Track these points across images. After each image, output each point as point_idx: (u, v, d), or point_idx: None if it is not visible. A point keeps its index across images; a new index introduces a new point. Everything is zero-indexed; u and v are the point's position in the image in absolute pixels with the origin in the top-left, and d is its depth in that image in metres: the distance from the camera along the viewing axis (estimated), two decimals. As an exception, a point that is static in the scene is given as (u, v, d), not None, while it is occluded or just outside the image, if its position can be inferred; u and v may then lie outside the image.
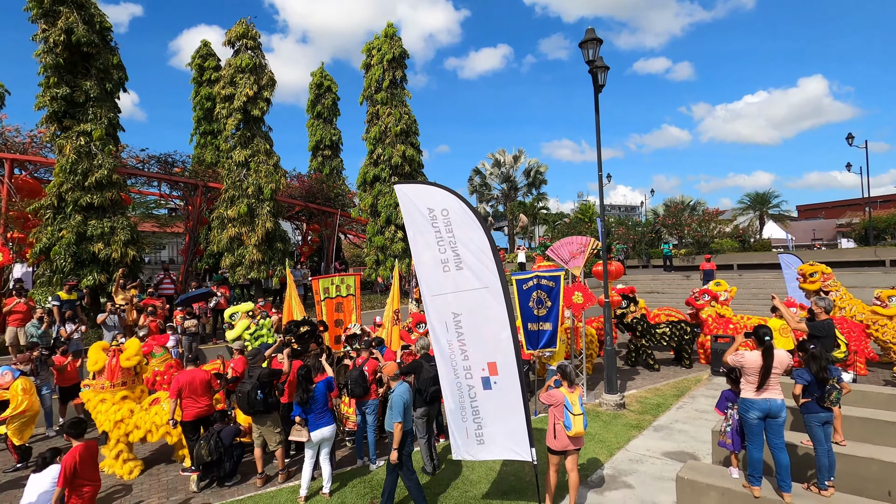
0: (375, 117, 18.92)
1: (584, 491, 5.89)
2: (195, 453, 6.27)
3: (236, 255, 15.37)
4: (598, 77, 9.05)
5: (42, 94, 12.81)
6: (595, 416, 8.60)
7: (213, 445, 6.25)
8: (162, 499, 6.10)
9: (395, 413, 5.17)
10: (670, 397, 9.75)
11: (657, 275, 23.67)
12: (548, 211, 42.72)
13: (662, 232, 31.39)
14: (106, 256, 12.61)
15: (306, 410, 5.77)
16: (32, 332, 9.78)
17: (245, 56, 15.78)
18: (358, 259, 31.17)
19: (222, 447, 6.32)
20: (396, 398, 5.25)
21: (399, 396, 5.26)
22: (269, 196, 15.40)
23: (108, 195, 13.00)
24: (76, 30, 12.63)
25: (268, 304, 13.67)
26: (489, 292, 4.86)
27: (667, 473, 6.32)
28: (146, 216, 26.80)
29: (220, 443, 6.31)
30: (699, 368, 12.08)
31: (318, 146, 24.52)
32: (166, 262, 23.48)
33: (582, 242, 10.19)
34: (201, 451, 6.21)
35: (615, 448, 7.21)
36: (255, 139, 15.87)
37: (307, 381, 5.87)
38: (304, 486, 5.80)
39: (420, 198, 5.17)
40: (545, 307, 8.34)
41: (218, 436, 6.37)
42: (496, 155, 41.15)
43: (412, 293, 13.74)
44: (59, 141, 12.84)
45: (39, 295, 11.93)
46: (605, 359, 9.17)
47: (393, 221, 18.11)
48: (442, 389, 5.27)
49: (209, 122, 21.75)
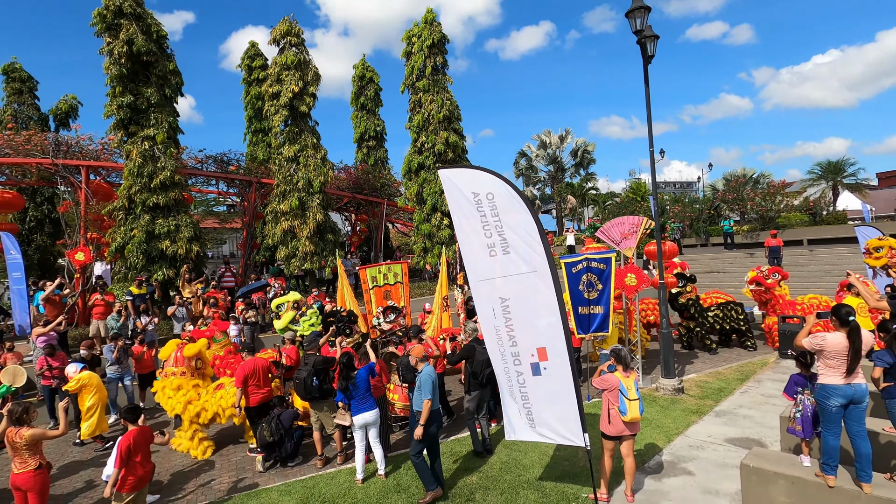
0: (418, 105, 18.96)
1: (640, 477, 5.75)
2: (258, 435, 6.64)
3: (290, 248, 15.99)
4: (647, 47, 8.59)
5: (109, 103, 13.75)
6: (652, 401, 8.34)
7: (273, 427, 6.59)
8: (232, 477, 6.51)
9: (424, 391, 5.35)
10: (733, 381, 9.29)
11: (717, 253, 22.49)
12: (597, 191, 41.45)
13: (722, 208, 29.67)
14: (173, 253, 13.49)
15: (348, 396, 5.96)
16: (112, 325, 10.62)
17: (290, 53, 16.20)
18: (406, 247, 31.64)
19: (283, 429, 6.64)
20: (425, 377, 5.44)
21: (427, 376, 5.45)
22: (318, 189, 15.86)
23: (171, 195, 13.84)
24: (136, 40, 13.41)
25: (322, 293, 14.17)
26: (537, 276, 4.77)
27: (730, 460, 6.06)
28: (207, 213, 28.38)
29: (280, 425, 6.63)
30: (764, 351, 11.44)
31: (363, 137, 24.92)
32: (227, 256, 24.78)
33: (634, 222, 9.82)
34: (263, 433, 6.57)
35: (673, 434, 6.98)
36: (302, 134, 16.34)
37: (348, 367, 6.05)
38: (359, 468, 6.00)
39: (465, 182, 5.11)
40: (596, 290, 8.13)
41: (278, 419, 6.70)
42: (542, 136, 40.21)
43: (456, 279, 13.78)
44: (127, 146, 13.78)
45: (117, 290, 12.95)
46: (661, 342, 8.85)
47: (439, 209, 18.19)
48: (495, 374, 5.32)
49: (259, 121, 22.60)
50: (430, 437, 5.49)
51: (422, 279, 20.09)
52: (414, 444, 5.43)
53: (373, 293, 11.01)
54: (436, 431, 5.57)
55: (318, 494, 5.78)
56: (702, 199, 32.94)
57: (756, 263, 19.26)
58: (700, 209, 29.46)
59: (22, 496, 4.83)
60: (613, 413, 4.97)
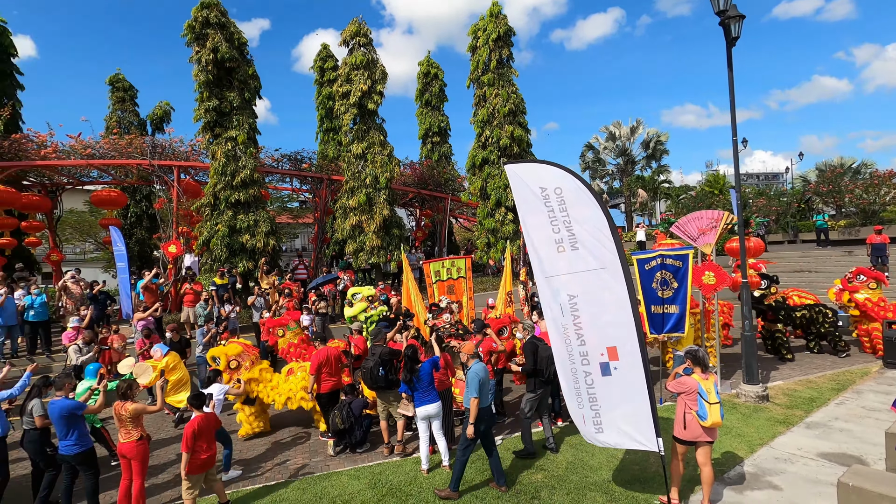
0: (483, 99, 18.88)
1: (719, 487, 5.41)
2: (330, 422, 6.96)
3: (358, 242, 16.55)
4: (731, 29, 7.99)
5: (198, 108, 14.89)
6: (732, 408, 7.81)
7: (344, 415, 6.87)
8: (306, 458, 6.89)
9: (470, 389, 5.31)
10: (827, 391, 8.49)
11: (808, 251, 20.57)
12: (670, 184, 39.23)
13: (814, 201, 27.03)
14: (252, 246, 14.41)
15: (412, 388, 6.06)
16: (200, 312, 11.53)
17: (358, 53, 16.70)
18: (468, 242, 31.73)
19: (353, 417, 6.91)
20: (472, 375, 5.38)
21: (474, 374, 5.38)
22: (384, 185, 16.27)
23: (251, 192, 14.78)
24: (220, 48, 14.40)
25: (387, 286, 14.54)
26: (608, 273, 4.61)
27: (823, 477, 5.55)
28: (281, 209, 30.03)
29: (351, 413, 6.91)
30: (862, 359, 10.35)
31: (428, 133, 25.20)
32: (299, 250, 26.13)
33: (713, 217, 9.20)
34: (335, 420, 6.88)
35: (757, 444, 6.49)
36: (370, 132, 16.81)
37: (413, 360, 6.15)
38: (423, 459, 6.12)
39: (531, 177, 5.01)
40: (671, 288, 7.71)
41: (349, 407, 6.98)
42: (610, 128, 38.63)
43: (519, 275, 13.61)
44: (212, 147, 14.86)
45: (204, 280, 14.04)
46: (743, 345, 8.26)
47: (503, 203, 18.05)
48: (558, 375, 5.15)
49: (330, 120, 23.53)
50: (481, 434, 5.46)
51: (485, 274, 20.06)
52: (463, 438, 5.46)
53: (436, 287, 11.16)
54: (485, 429, 5.51)
55: (384, 481, 5.97)
56: (790, 192, 30.22)
57: (855, 262, 17.42)
58: (788, 202, 27.03)
59: (126, 463, 5.40)
60: (690, 418, 4.70)
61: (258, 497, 5.76)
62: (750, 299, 8.33)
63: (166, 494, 6.08)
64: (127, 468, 5.41)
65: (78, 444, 5.33)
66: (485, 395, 5.45)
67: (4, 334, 10.56)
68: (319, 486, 5.98)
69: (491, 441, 5.67)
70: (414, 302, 11.18)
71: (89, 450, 5.47)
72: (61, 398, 5.38)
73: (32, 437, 5.56)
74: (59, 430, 5.29)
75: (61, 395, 5.41)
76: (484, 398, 5.42)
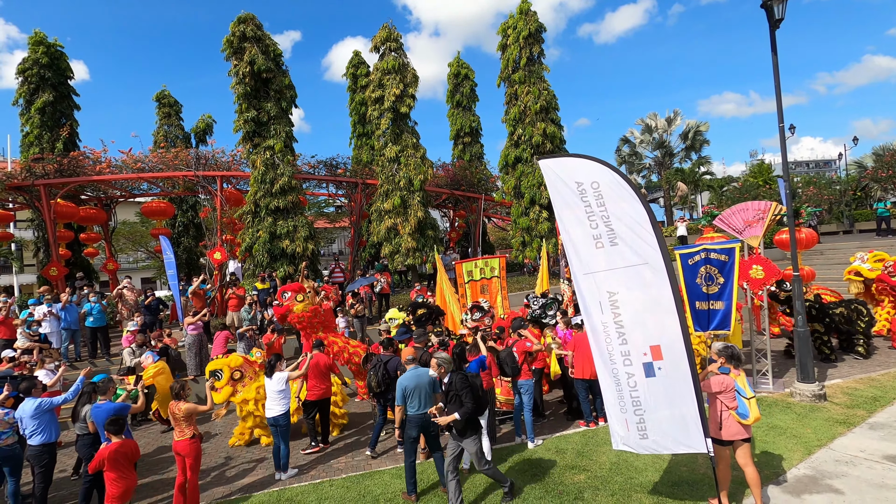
0: (514, 98, 18.73)
1: (775, 491, 5.17)
2: (367, 383, 7.08)
3: (393, 244, 16.74)
4: (773, 10, 7.64)
5: (237, 119, 15.44)
6: (786, 408, 7.45)
7: (381, 376, 6.86)
8: (348, 459, 7.02)
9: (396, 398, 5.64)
10: (892, 390, 7.97)
11: (865, 241, 19.33)
12: (712, 176, 37.74)
13: (872, 188, 25.42)
14: (292, 251, 14.81)
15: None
16: (244, 316, 11.94)
17: (390, 58, 16.89)
18: (503, 242, 31.51)
19: (389, 378, 6.84)
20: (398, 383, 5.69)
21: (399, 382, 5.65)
22: (418, 187, 16.38)
23: (289, 198, 15.19)
24: (257, 60, 14.89)
25: (423, 287, 14.63)
26: (649, 268, 4.46)
27: (891, 481, 5.22)
28: (319, 214, 30.72)
29: (386, 374, 6.88)
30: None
31: (459, 134, 25.20)
32: (336, 254, 26.67)
33: (760, 208, 8.83)
34: (370, 381, 6.90)
35: (815, 446, 6.17)
36: (403, 135, 16.96)
37: (461, 359, 6.15)
38: (465, 458, 6.11)
39: (567, 171, 4.88)
40: (716, 284, 7.43)
41: (384, 366, 6.94)
42: (646, 120, 37.57)
43: (563, 273, 13.40)
44: (252, 156, 15.38)
45: (248, 285, 14.54)
46: (796, 342, 7.86)
47: (537, 202, 17.84)
48: (598, 377, 4.95)
49: (363, 125, 23.88)
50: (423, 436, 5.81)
51: (521, 273, 19.89)
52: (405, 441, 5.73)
53: (468, 287, 11.15)
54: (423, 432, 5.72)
55: (426, 479, 6.02)
56: (843, 179, 28.53)
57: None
58: (842, 190, 25.52)
59: (181, 460, 5.65)
60: (727, 416, 4.59)
61: (306, 496, 5.92)
62: (801, 293, 7.92)
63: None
64: (181, 465, 5.66)
65: None
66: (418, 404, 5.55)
67: (69, 339, 11.25)
68: (363, 484, 6.09)
69: (436, 442, 5.81)
70: (449, 303, 11.21)
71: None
72: (106, 402, 5.62)
73: (87, 442, 5.76)
74: (102, 432, 5.42)
75: (105, 400, 5.64)
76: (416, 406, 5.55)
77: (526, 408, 6.81)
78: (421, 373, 5.68)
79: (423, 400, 5.57)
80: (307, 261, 14.57)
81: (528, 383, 6.79)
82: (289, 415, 6.57)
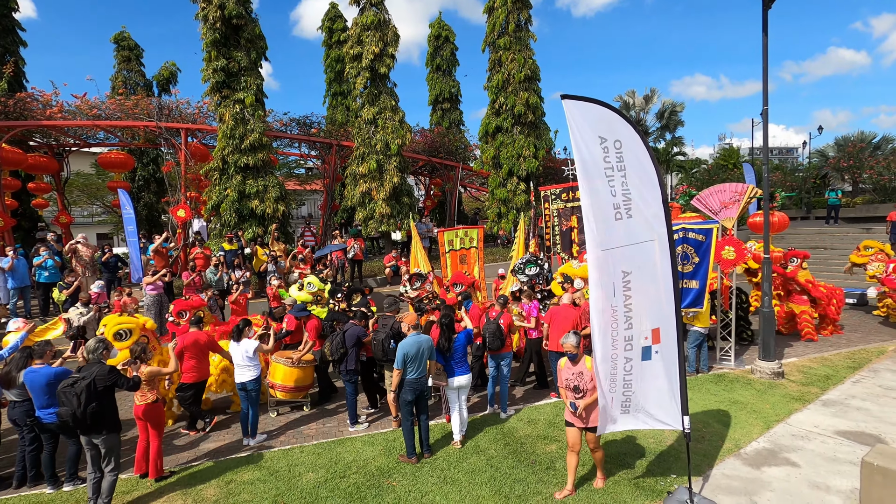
0: (498, 64, 18.27)
1: (736, 463, 5.39)
2: (327, 349, 6.79)
3: (367, 210, 16.36)
4: (769, -11, 7.52)
5: (205, 68, 14.48)
6: (746, 384, 7.76)
7: (336, 344, 6.55)
8: (319, 425, 6.92)
9: (396, 362, 5.57)
10: (843, 369, 8.41)
11: (824, 227, 20.21)
12: (684, 157, 38.44)
13: (830, 177, 26.41)
14: (261, 212, 14.26)
15: (446, 358, 5.98)
16: (210, 277, 11.50)
17: (370, 13, 16.07)
18: (477, 212, 31.36)
19: (344, 347, 6.53)
20: (399, 348, 5.62)
21: (401, 347, 5.57)
22: (395, 151, 15.94)
23: (259, 156, 14.52)
24: (228, 4, 13.89)
25: (398, 256, 14.44)
26: (658, 244, 4.18)
27: (842, 455, 5.50)
28: (288, 175, 29.71)
29: (343, 342, 6.54)
30: (880, 337, 10.26)
31: (438, 100, 24.58)
32: (306, 217, 25.88)
33: (736, 190, 8.94)
34: (325, 349, 6.66)
35: (773, 421, 6.45)
36: (381, 96, 16.36)
37: (450, 329, 6.05)
38: (455, 431, 6.05)
39: (592, 120, 4.19)
40: (692, 263, 7.55)
41: (342, 335, 6.61)
42: (624, 97, 37.62)
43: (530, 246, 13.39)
44: (220, 110, 14.53)
45: (213, 245, 13.98)
46: (762, 322, 8.13)
47: (515, 173, 17.72)
48: (594, 362, 4.53)
49: (339, 84, 22.95)
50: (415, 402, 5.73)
51: (494, 245, 19.90)
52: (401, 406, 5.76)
53: (448, 257, 11.04)
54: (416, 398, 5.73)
55: (399, 447, 5.99)
56: (806, 167, 29.53)
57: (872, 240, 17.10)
58: (804, 177, 26.45)
59: (143, 424, 5.41)
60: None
61: (275, 461, 5.80)
62: (770, 275, 8.15)
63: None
64: (143, 429, 5.44)
65: None
66: (416, 369, 5.57)
67: (17, 296, 10.59)
68: (334, 451, 6.01)
69: (423, 409, 5.87)
70: (422, 269, 11.10)
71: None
72: (44, 366, 5.17)
73: (26, 408, 5.29)
74: (44, 398, 5.08)
75: (41, 364, 5.17)
76: (414, 371, 5.56)
77: (504, 379, 6.82)
78: (422, 339, 5.66)
79: (422, 366, 5.63)
80: (278, 223, 14.08)
81: (509, 355, 6.78)
82: (259, 380, 6.36)
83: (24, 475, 5.45)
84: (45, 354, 5.25)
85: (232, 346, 6.38)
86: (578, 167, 4.25)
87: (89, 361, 4.87)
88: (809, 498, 4.72)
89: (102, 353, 4.94)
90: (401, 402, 5.72)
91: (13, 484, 5.45)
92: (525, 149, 17.38)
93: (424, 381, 5.68)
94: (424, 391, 5.73)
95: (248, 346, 6.29)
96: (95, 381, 4.59)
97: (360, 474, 5.42)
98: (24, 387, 5.21)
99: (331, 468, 5.58)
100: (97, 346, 4.92)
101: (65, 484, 5.34)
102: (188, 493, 5.19)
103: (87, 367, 4.79)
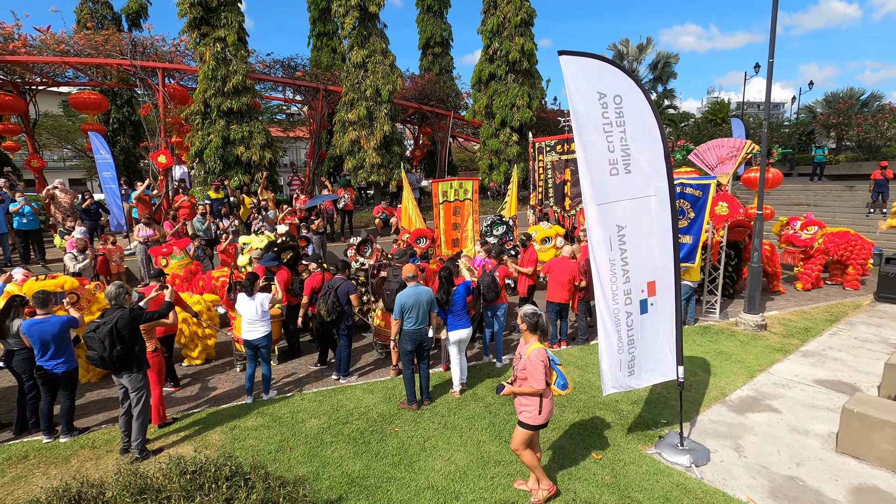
0: (493, 7, 17.42)
1: (722, 409, 5.68)
2: (317, 311, 6.48)
3: (357, 159, 15.94)
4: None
5: (181, 1, 13.47)
6: (731, 336, 8.07)
7: (330, 304, 6.28)
8: (317, 376, 7.02)
9: (394, 312, 5.71)
10: (821, 322, 8.79)
11: (808, 184, 20.50)
12: (676, 110, 38.05)
13: (816, 134, 26.49)
14: (247, 159, 13.78)
15: (446, 311, 6.03)
16: (198, 226, 11.24)
17: (358, -55, 14.99)
18: (465, 164, 30.87)
19: (340, 306, 6.36)
20: (397, 299, 5.67)
21: (399, 298, 5.64)
22: (386, 98, 15.36)
23: (244, 100, 13.85)
24: (203, -70, 12.76)
25: (388, 206, 14.27)
26: (657, 200, 4.26)
27: (820, 402, 5.84)
28: (270, 121, 28.56)
29: (337, 301, 6.32)
30: (855, 292, 10.69)
31: (429, 43, 23.51)
32: (292, 165, 25.10)
33: (733, 145, 8.93)
34: (320, 310, 6.33)
35: (756, 370, 6.76)
36: (371, 38, 15.56)
37: (449, 282, 6.07)
38: (455, 382, 6.21)
39: (591, 76, 4.14)
40: (687, 218, 7.61)
41: (335, 292, 6.32)
42: (618, 46, 36.56)
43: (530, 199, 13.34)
44: (200, 48, 13.67)
45: (198, 193, 13.56)
46: (750, 277, 8.36)
47: (508, 124, 17.32)
48: (598, 319, 4.51)
49: (324, 24, 21.70)
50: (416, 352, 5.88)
51: (485, 197, 19.74)
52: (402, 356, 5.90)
53: (442, 208, 10.93)
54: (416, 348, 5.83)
55: (398, 395, 6.14)
56: (793, 123, 29.53)
57: (855, 198, 17.48)
58: (790, 134, 26.50)
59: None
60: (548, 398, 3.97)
61: (277, 409, 5.90)
62: (762, 231, 8.29)
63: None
64: (144, 378, 5.44)
65: (67, 361, 5.13)
66: (415, 320, 5.65)
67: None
68: (335, 398, 6.14)
69: (424, 358, 6.00)
70: (414, 222, 11.00)
71: (76, 367, 5.29)
72: (50, 315, 5.07)
73: (26, 356, 5.22)
74: (52, 348, 5.01)
75: (43, 314, 5.04)
76: (412, 322, 5.64)
77: (498, 330, 6.95)
78: (420, 290, 5.68)
79: (420, 316, 5.67)
80: (266, 171, 13.67)
81: (504, 306, 6.87)
82: (270, 336, 6.13)
83: (25, 422, 5.46)
84: (48, 303, 5.13)
85: (242, 301, 6.01)
86: (574, 124, 4.22)
87: (111, 306, 4.81)
88: (790, 441, 5.03)
89: (125, 297, 4.88)
90: (401, 352, 5.83)
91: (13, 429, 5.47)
92: (519, 98, 16.91)
93: (424, 331, 5.75)
94: (424, 342, 5.81)
95: (263, 299, 6.00)
96: (118, 324, 4.62)
97: (363, 420, 5.57)
98: (20, 335, 5.12)
99: (333, 415, 5.71)
100: (118, 292, 4.84)
101: (61, 436, 5.29)
102: (194, 438, 5.29)
103: (108, 311, 4.77)
